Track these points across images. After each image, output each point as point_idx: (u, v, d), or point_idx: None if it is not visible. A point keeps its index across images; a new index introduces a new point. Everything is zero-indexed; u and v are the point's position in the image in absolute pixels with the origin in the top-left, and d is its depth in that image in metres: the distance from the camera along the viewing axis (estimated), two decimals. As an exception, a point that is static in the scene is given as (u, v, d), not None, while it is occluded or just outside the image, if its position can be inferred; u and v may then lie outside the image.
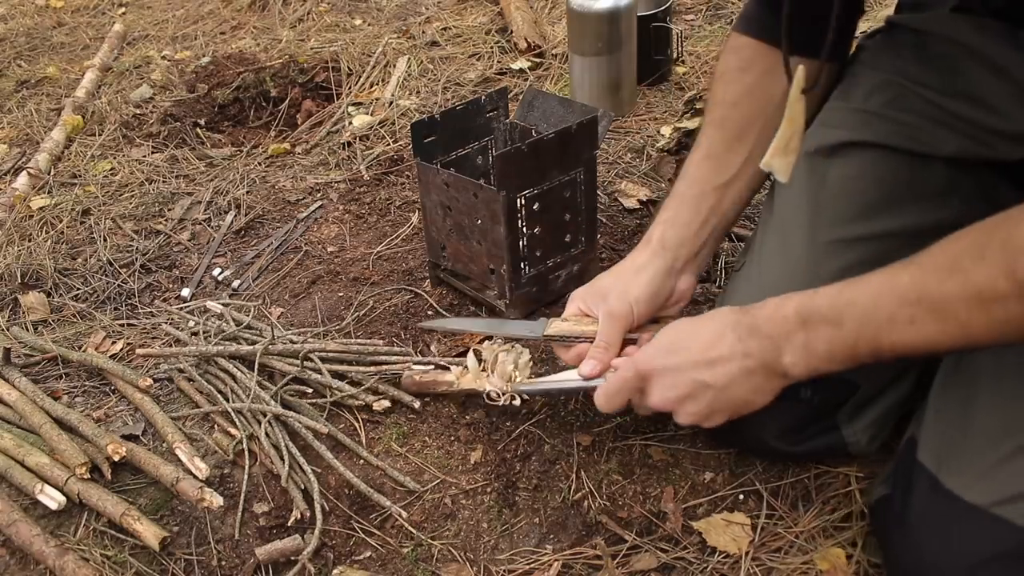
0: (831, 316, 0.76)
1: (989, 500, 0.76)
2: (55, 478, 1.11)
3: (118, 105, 2.35)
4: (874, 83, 1.02)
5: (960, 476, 0.79)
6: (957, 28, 0.95)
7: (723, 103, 1.04)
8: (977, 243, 0.68)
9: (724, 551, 0.97)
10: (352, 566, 1.01)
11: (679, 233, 1.04)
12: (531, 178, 1.26)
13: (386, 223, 1.71)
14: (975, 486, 0.77)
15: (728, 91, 1.04)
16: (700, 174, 1.05)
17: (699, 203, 1.04)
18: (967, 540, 0.77)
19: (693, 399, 0.85)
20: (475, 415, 1.19)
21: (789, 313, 0.79)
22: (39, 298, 1.57)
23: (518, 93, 2.11)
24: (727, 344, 0.82)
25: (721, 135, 1.04)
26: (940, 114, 0.96)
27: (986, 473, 0.77)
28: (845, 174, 1.00)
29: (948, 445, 0.82)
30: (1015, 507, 0.74)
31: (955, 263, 0.69)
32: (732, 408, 0.84)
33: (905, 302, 0.71)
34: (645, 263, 1.03)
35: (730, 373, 0.82)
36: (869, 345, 0.74)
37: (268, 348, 1.25)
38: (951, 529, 0.78)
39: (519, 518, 1.06)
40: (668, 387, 0.86)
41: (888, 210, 0.97)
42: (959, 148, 0.95)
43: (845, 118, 1.02)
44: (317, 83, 2.31)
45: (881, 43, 1.05)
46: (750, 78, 1.03)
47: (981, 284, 0.66)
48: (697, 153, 1.06)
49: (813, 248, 0.97)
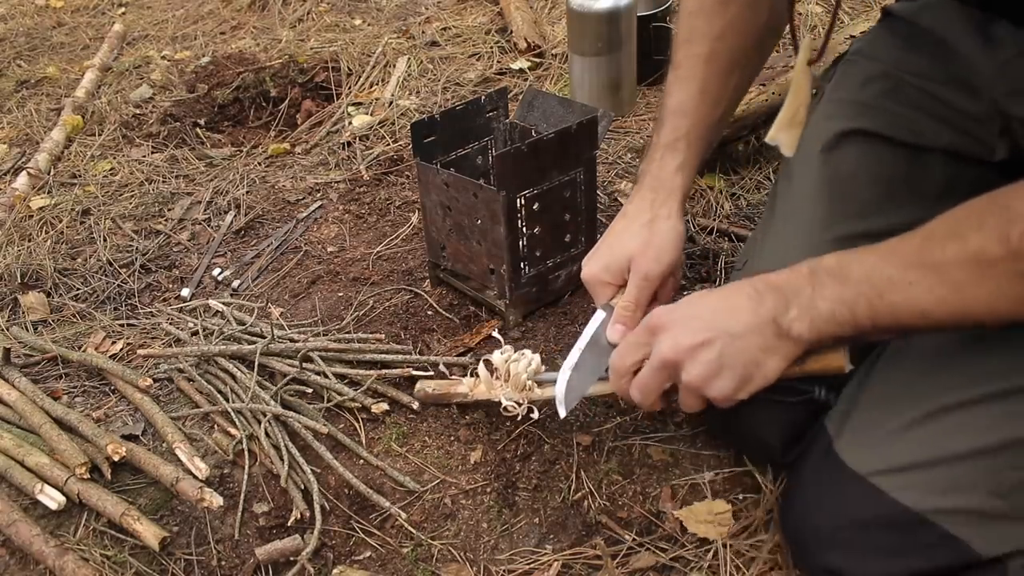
0: (837, 271, 0.77)
1: (869, 469, 0.80)
2: (55, 478, 1.11)
3: (118, 105, 2.35)
4: (869, 73, 1.03)
5: (849, 444, 0.84)
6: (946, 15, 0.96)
7: (709, 36, 1.02)
8: (977, 212, 0.70)
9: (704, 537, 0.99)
10: (352, 566, 1.01)
11: (689, 176, 1.04)
12: (531, 178, 1.26)
13: (386, 223, 1.71)
14: (860, 455, 0.82)
15: (713, 24, 1.02)
16: (701, 113, 1.03)
17: (701, 144, 1.05)
18: (845, 504, 0.82)
19: (706, 347, 0.81)
20: (475, 415, 1.19)
21: (802, 268, 0.80)
22: (39, 298, 1.57)
23: (518, 93, 2.11)
24: (744, 294, 0.82)
25: (714, 69, 1.03)
26: (933, 104, 0.97)
27: (871, 443, 0.82)
28: (844, 169, 1.00)
29: (845, 413, 0.87)
30: (889, 478, 0.79)
31: (956, 230, 0.71)
32: (741, 366, 0.81)
33: (907, 264, 0.73)
34: (668, 213, 1.02)
35: (744, 321, 0.80)
36: (868, 306, 0.74)
37: (268, 348, 1.25)
38: (833, 492, 0.83)
39: (519, 518, 1.06)
40: (682, 333, 0.83)
41: (888, 207, 0.97)
42: (951, 142, 0.97)
43: (842, 109, 1.03)
44: (317, 83, 2.31)
45: (876, 33, 1.06)
46: (732, 11, 1.02)
47: (977, 249, 0.68)
48: (692, 86, 1.03)
49: (813, 245, 0.97)
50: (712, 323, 0.82)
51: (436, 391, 1.19)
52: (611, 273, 1.03)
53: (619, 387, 0.91)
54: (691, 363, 0.83)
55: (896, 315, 0.74)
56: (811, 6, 2.35)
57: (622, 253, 1.02)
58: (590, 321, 1.02)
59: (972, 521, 0.77)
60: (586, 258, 1.06)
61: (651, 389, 0.87)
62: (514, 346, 1.14)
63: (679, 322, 0.84)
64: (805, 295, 0.78)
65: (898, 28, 1.02)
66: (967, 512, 0.77)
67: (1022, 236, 0.66)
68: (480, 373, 1.12)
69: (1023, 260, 0.66)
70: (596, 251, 1.06)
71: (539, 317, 1.37)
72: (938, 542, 0.77)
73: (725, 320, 0.81)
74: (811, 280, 0.78)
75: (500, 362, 1.09)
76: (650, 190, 1.03)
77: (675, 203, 1.02)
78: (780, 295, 0.80)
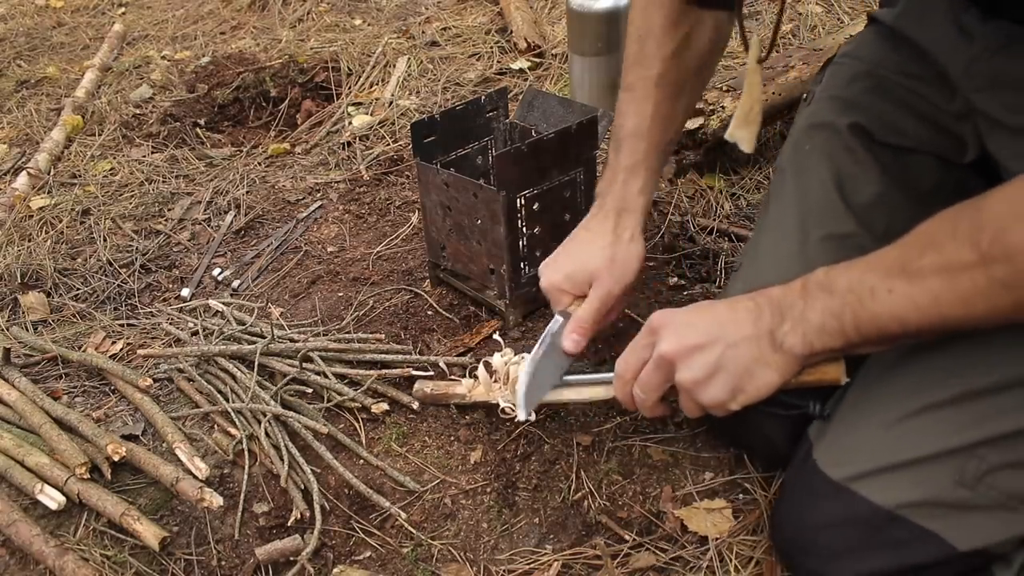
0: (825, 284, 0.79)
1: (841, 474, 0.83)
2: (55, 478, 1.11)
3: (118, 105, 2.35)
4: (855, 72, 1.06)
5: (825, 450, 0.86)
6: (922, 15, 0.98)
7: (660, 59, 1.05)
8: (951, 220, 0.72)
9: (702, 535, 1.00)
10: (352, 566, 1.01)
11: (649, 197, 1.09)
12: (531, 178, 1.26)
13: (386, 223, 1.71)
14: (833, 460, 0.85)
15: (664, 47, 1.05)
16: (655, 136, 1.08)
17: (658, 165, 1.10)
18: (821, 509, 0.84)
19: (704, 349, 0.83)
20: (475, 415, 1.19)
21: (796, 284, 0.82)
22: (39, 298, 1.57)
23: (518, 93, 2.11)
24: (745, 307, 0.84)
25: (665, 93, 1.06)
26: (915, 100, 0.99)
27: (844, 449, 0.85)
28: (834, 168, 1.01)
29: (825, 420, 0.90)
30: (860, 482, 0.81)
31: (932, 239, 0.72)
32: (735, 374, 0.83)
33: (887, 274, 0.75)
34: (631, 235, 1.06)
35: (744, 332, 0.82)
36: (853, 315, 0.76)
37: (268, 348, 1.25)
38: (809, 498, 0.86)
39: (519, 518, 1.06)
40: (683, 333, 0.85)
41: (878, 206, 0.99)
42: (932, 140, 0.99)
43: (831, 106, 1.05)
44: (317, 83, 2.31)
45: (863, 37, 1.09)
46: (681, 32, 1.04)
47: (951, 255, 0.70)
48: (646, 108, 1.07)
49: (805, 245, 0.99)
50: (713, 329, 0.84)
51: (434, 391, 1.19)
52: (572, 284, 1.07)
53: (623, 392, 0.92)
54: (687, 363, 0.84)
55: (878, 324, 0.75)
56: (811, 6, 2.36)
57: (584, 268, 1.06)
58: (547, 327, 1.06)
59: (941, 513, 0.78)
60: (544, 264, 1.10)
61: (651, 387, 0.89)
62: (514, 347, 1.14)
63: (682, 324, 0.86)
64: (797, 308, 0.80)
65: (882, 31, 1.05)
66: (934, 504, 0.78)
67: (992, 241, 0.67)
68: (479, 375, 1.13)
69: (994, 265, 0.67)
70: (555, 259, 1.10)
71: (539, 317, 1.37)
72: (910, 537, 0.79)
73: (725, 328, 0.83)
74: (803, 294, 0.80)
75: (500, 364, 1.10)
76: (614, 211, 1.07)
77: (637, 224, 1.07)
78: (776, 309, 0.82)
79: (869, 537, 0.80)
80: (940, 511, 0.78)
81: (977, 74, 0.91)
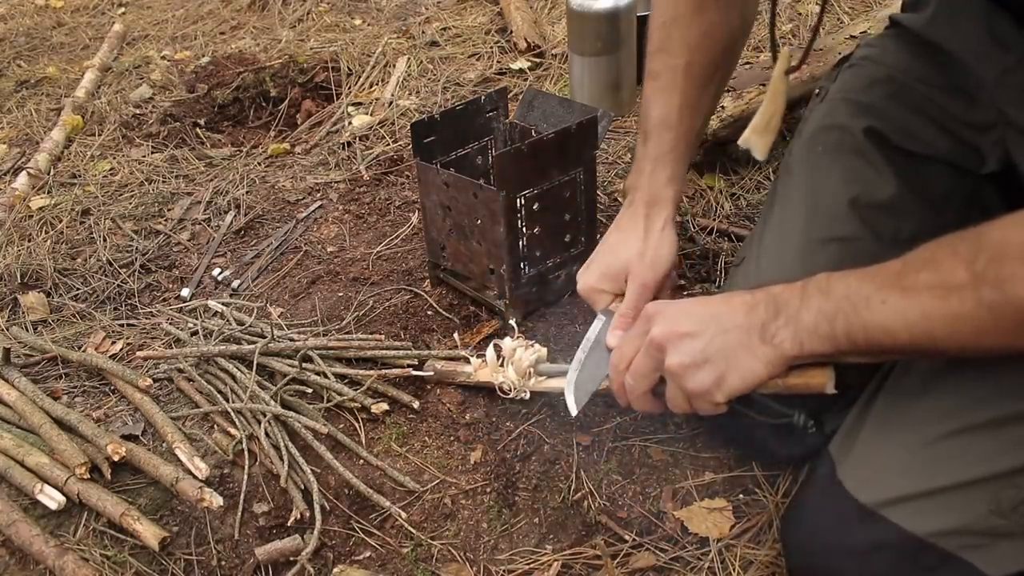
0: (824, 287, 0.79)
1: (873, 499, 0.80)
2: (55, 478, 1.11)
3: (118, 105, 2.35)
4: (875, 76, 1.04)
5: (852, 471, 0.84)
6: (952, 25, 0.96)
7: (686, 46, 1.03)
8: (955, 240, 0.71)
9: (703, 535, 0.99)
10: (352, 566, 1.01)
11: (679, 188, 1.07)
12: (531, 178, 1.26)
13: (386, 223, 1.71)
14: (863, 483, 0.82)
15: (690, 33, 1.04)
16: (684, 125, 1.06)
17: (687, 154, 1.08)
18: (848, 532, 0.82)
19: (694, 336, 0.83)
20: (475, 415, 1.19)
21: (797, 284, 0.82)
22: (39, 298, 1.57)
23: (518, 93, 2.11)
24: (740, 298, 0.84)
25: (693, 81, 1.04)
26: (934, 110, 0.98)
27: (874, 471, 0.82)
28: (845, 171, 1.01)
29: (848, 438, 0.87)
30: (892, 508, 0.79)
31: (933, 257, 0.72)
32: (722, 359, 0.82)
33: (884, 285, 0.74)
34: (662, 224, 1.05)
35: (736, 321, 0.82)
36: (846, 322, 0.76)
37: (268, 348, 1.25)
38: (836, 520, 0.83)
39: (519, 518, 1.06)
40: (675, 320, 0.85)
41: (886, 213, 0.98)
42: (948, 150, 0.98)
43: (846, 109, 1.04)
44: (317, 83, 2.31)
45: (883, 40, 1.07)
46: (707, 18, 1.03)
47: (946, 274, 0.70)
48: (674, 98, 1.05)
49: (808, 246, 0.98)
50: (706, 318, 0.84)
51: (444, 367, 1.22)
52: (608, 282, 1.05)
53: (617, 383, 0.92)
54: (676, 349, 0.84)
55: (868, 333, 0.75)
56: (811, 6, 2.35)
57: (618, 263, 1.05)
58: (591, 326, 1.05)
59: (974, 541, 0.77)
60: (581, 270, 1.09)
61: (641, 373, 0.88)
62: (514, 346, 1.15)
63: (676, 312, 0.86)
64: (793, 306, 0.80)
65: (904, 37, 1.03)
66: (968, 532, 0.77)
67: (988, 263, 0.66)
68: (488, 356, 1.15)
69: (985, 286, 0.67)
70: (591, 263, 1.08)
71: (539, 317, 1.37)
72: (940, 564, 0.77)
73: (719, 318, 0.83)
74: (802, 294, 0.80)
75: (509, 348, 1.12)
76: (643, 204, 1.06)
77: (668, 214, 1.06)
78: (773, 304, 0.81)
79: (899, 563, 0.79)
80: (973, 539, 0.77)
81: (1011, 84, 0.89)
